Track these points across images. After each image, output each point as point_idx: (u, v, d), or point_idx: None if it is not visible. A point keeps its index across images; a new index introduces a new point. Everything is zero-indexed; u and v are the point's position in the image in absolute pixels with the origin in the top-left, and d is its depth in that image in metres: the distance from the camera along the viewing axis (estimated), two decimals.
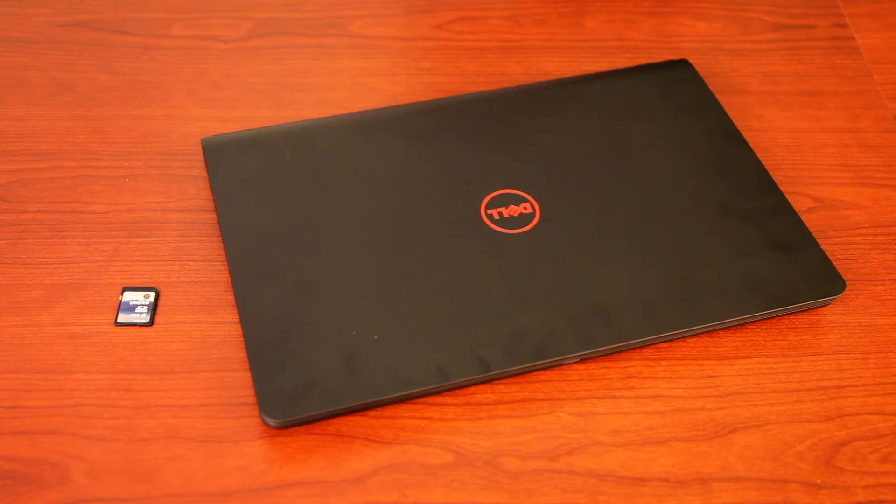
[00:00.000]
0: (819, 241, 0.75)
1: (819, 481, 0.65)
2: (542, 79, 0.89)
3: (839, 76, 0.90)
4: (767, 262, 0.73)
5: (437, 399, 0.67)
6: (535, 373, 0.69)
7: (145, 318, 0.71)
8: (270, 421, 0.64)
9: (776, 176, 0.80)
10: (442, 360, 0.67)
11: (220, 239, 0.75)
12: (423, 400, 0.67)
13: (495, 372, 0.67)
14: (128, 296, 0.72)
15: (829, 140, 0.85)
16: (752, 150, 0.80)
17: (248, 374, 0.68)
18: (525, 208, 0.75)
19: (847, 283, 0.73)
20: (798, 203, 0.79)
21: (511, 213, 0.74)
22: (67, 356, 0.69)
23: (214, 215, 0.77)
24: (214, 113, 0.85)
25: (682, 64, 0.87)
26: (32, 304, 0.71)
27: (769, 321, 0.72)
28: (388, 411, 0.66)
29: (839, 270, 0.73)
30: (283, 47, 0.91)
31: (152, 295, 0.72)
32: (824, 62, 0.92)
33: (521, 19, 0.95)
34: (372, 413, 0.66)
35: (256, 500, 0.63)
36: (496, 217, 0.74)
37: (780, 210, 0.76)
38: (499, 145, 0.80)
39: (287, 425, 0.65)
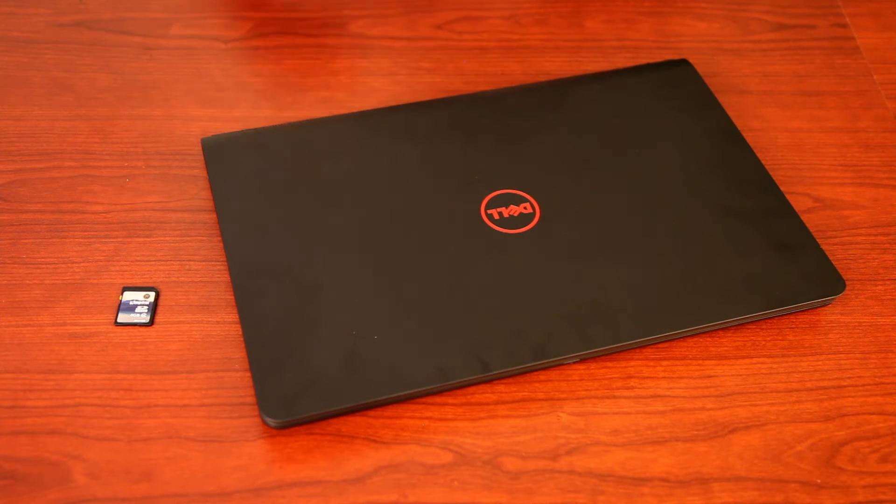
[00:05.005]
0: (819, 241, 0.75)
1: (819, 481, 0.65)
2: (542, 79, 0.89)
3: (839, 76, 0.91)
4: (767, 262, 0.73)
5: (437, 399, 0.67)
6: (535, 373, 0.69)
7: (145, 318, 0.71)
8: (270, 421, 0.64)
9: (776, 176, 0.80)
10: (442, 360, 0.67)
11: (220, 239, 0.75)
12: (423, 400, 0.67)
13: (495, 372, 0.67)
14: (128, 296, 0.72)
15: (829, 140, 0.85)
16: (752, 150, 0.80)
17: (248, 374, 0.68)
18: (525, 208, 0.75)
19: (847, 283, 0.73)
20: (798, 203, 0.79)
21: (511, 213, 0.74)
22: (67, 356, 0.69)
23: (214, 215, 0.77)
24: (214, 113, 0.85)
25: (682, 64, 0.87)
26: (32, 304, 0.71)
27: (769, 321, 0.72)
28: (388, 411, 0.66)
29: (839, 270, 0.73)
30: (283, 47, 0.91)
31: (152, 295, 0.72)
32: (824, 62, 0.92)
33: (521, 19, 0.95)
34: (372, 413, 0.66)
35: (256, 500, 0.63)
36: (496, 217, 0.74)
37: (780, 210, 0.76)
38: (499, 145, 0.80)
39: (287, 425, 0.65)
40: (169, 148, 0.82)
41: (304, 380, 0.65)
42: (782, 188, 0.78)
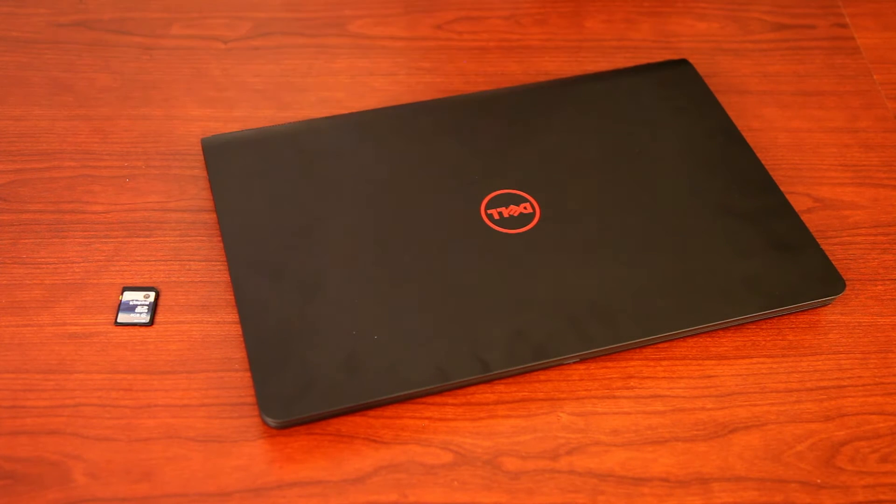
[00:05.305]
0: (819, 241, 0.75)
1: (819, 481, 0.65)
2: (542, 79, 0.89)
3: (839, 76, 0.91)
4: (767, 262, 0.73)
5: (437, 399, 0.67)
6: (535, 373, 0.69)
7: (145, 318, 0.71)
8: (270, 421, 0.64)
9: (776, 176, 0.80)
10: (442, 360, 0.67)
11: (220, 239, 0.75)
12: (423, 400, 0.67)
13: (495, 372, 0.67)
14: (128, 296, 0.72)
15: (829, 140, 0.85)
16: (752, 150, 0.80)
17: (248, 374, 0.68)
18: (525, 208, 0.75)
19: (847, 283, 0.73)
20: (798, 203, 0.79)
21: (511, 213, 0.74)
22: (67, 356, 0.69)
23: (214, 215, 0.77)
24: (214, 113, 0.85)
25: (682, 64, 0.87)
26: (32, 304, 0.71)
27: (769, 321, 0.72)
28: (388, 411, 0.66)
29: (839, 270, 0.73)
30: (283, 47, 0.91)
31: (152, 295, 0.72)
32: (824, 62, 0.92)
33: (521, 19, 0.95)
34: (372, 413, 0.66)
35: (256, 500, 0.63)
36: (496, 217, 0.74)
37: (780, 210, 0.76)
38: (499, 145, 0.80)
39: (287, 425, 0.65)
40: (169, 148, 0.82)
41: (304, 380, 0.65)
42: (782, 188, 0.78)
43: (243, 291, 0.70)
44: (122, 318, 0.71)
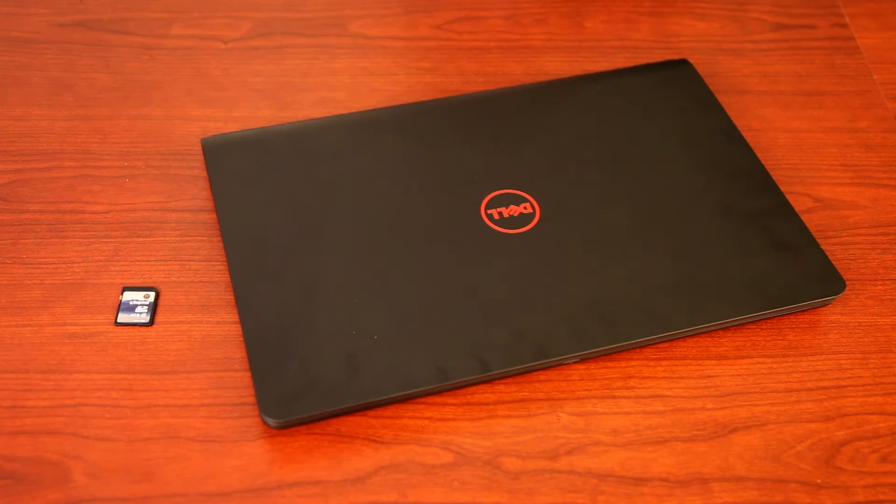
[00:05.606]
0: (819, 241, 0.75)
1: (819, 481, 0.65)
2: (542, 79, 0.89)
3: (839, 76, 0.91)
4: (767, 262, 0.73)
5: (437, 399, 0.67)
6: (535, 373, 0.69)
7: (145, 318, 0.71)
8: (270, 421, 0.64)
9: (776, 176, 0.80)
10: (442, 360, 0.67)
11: (220, 239, 0.75)
12: (423, 400, 0.67)
13: (495, 372, 0.67)
14: (128, 296, 0.72)
15: (829, 140, 0.85)
16: (752, 150, 0.80)
17: (248, 374, 0.68)
18: (525, 208, 0.75)
19: (847, 283, 0.73)
20: (798, 203, 0.79)
21: (511, 213, 0.74)
22: (67, 356, 0.69)
23: (214, 215, 0.77)
24: (214, 113, 0.85)
25: (682, 64, 0.87)
26: (32, 304, 0.71)
27: (769, 321, 0.72)
28: (388, 411, 0.66)
29: (839, 270, 0.73)
30: (283, 47, 0.91)
31: (152, 295, 0.72)
32: (824, 62, 0.92)
33: (521, 19, 0.95)
34: (372, 413, 0.66)
35: (256, 500, 0.63)
36: (496, 217, 0.74)
37: (780, 210, 0.76)
38: (499, 145, 0.80)
39: (287, 425, 0.65)
40: (169, 148, 0.82)
41: (304, 380, 0.65)
42: (782, 188, 0.78)
43: (243, 291, 0.70)
44: (122, 318, 0.71)
